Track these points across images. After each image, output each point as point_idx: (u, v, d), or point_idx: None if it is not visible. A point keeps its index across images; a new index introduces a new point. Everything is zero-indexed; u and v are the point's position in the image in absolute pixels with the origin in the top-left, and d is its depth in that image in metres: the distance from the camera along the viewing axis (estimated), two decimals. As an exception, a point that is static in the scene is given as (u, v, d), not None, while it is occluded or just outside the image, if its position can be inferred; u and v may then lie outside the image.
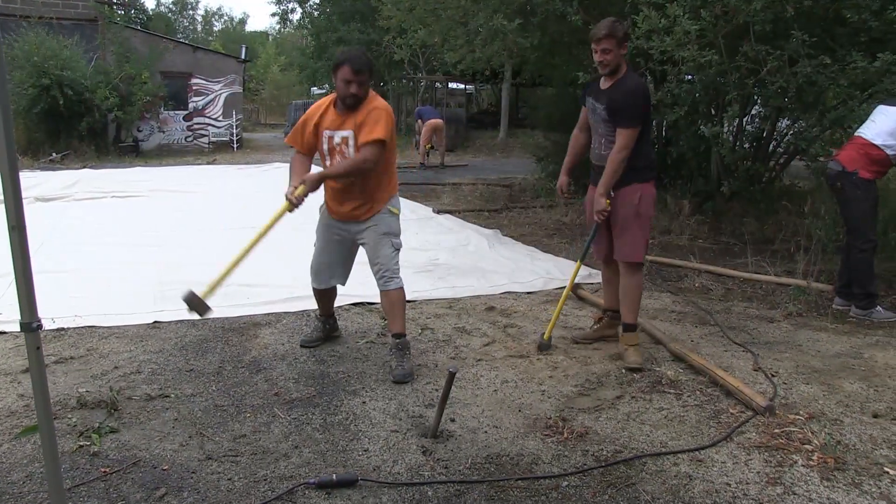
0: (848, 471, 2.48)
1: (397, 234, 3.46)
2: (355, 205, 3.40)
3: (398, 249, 3.46)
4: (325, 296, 3.74)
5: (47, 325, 3.76)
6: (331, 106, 3.40)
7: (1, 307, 4.21)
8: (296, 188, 3.18)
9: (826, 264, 5.18)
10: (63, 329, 3.97)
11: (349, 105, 3.28)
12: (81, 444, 2.65)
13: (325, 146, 3.38)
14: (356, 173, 3.29)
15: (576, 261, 5.82)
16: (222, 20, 61.38)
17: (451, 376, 2.66)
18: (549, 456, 2.61)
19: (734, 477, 2.46)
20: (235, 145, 20.38)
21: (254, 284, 4.89)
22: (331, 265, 3.60)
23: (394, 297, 3.44)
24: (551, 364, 3.52)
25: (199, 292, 3.08)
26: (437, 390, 3.17)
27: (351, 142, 3.30)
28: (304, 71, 31.78)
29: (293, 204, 3.17)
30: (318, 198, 3.65)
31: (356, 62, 3.23)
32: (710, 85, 6.13)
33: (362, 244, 3.49)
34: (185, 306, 3.08)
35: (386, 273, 3.40)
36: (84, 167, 13.86)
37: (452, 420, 2.89)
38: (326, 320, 3.82)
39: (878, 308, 4.30)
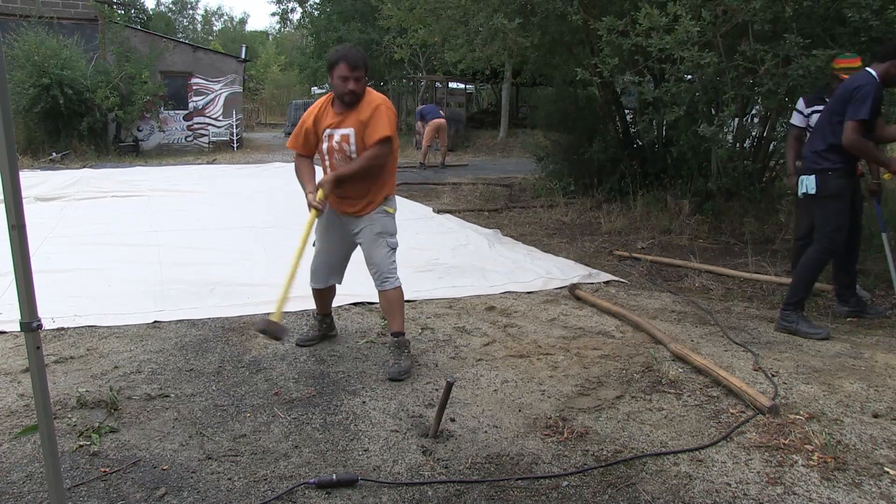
0: (848, 471, 2.48)
1: (392, 234, 3.46)
2: (355, 199, 3.40)
3: (394, 249, 3.47)
4: (323, 295, 3.75)
5: (47, 324, 3.76)
6: (328, 105, 3.41)
7: (1, 307, 4.22)
8: (316, 193, 3.26)
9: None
10: (63, 329, 3.97)
11: (348, 102, 3.29)
12: (81, 443, 2.65)
13: (325, 145, 3.38)
14: (367, 171, 3.31)
15: (576, 260, 5.85)
16: (222, 20, 61.35)
17: (449, 386, 2.67)
18: (549, 456, 2.61)
19: (734, 477, 2.46)
20: (235, 145, 20.36)
21: (254, 284, 4.90)
22: (329, 265, 3.63)
23: (391, 297, 3.44)
24: (551, 364, 3.52)
25: (271, 316, 3.12)
26: (437, 390, 3.17)
27: (352, 139, 3.30)
28: (304, 71, 31.77)
29: (320, 210, 3.26)
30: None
31: (352, 58, 3.24)
32: (708, 84, 6.13)
33: (359, 243, 3.50)
34: (260, 335, 3.12)
35: (382, 274, 3.41)
36: (84, 167, 13.86)
37: (452, 420, 2.88)
38: (323, 319, 3.83)
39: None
